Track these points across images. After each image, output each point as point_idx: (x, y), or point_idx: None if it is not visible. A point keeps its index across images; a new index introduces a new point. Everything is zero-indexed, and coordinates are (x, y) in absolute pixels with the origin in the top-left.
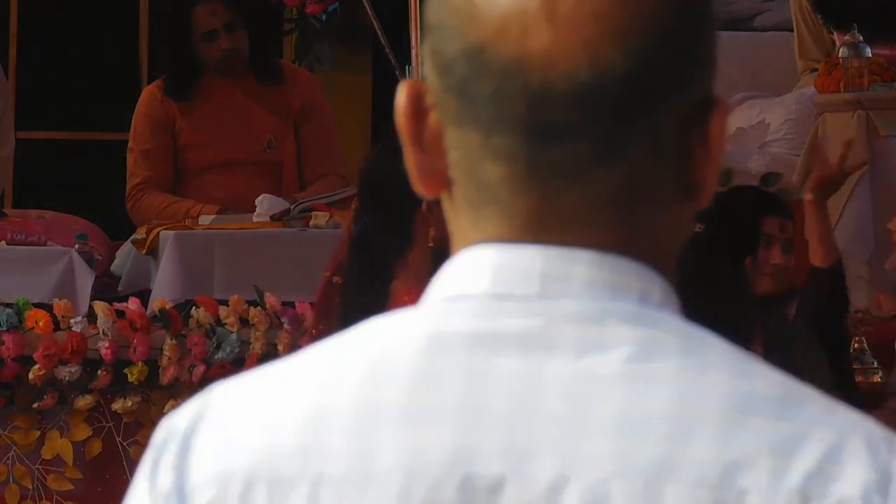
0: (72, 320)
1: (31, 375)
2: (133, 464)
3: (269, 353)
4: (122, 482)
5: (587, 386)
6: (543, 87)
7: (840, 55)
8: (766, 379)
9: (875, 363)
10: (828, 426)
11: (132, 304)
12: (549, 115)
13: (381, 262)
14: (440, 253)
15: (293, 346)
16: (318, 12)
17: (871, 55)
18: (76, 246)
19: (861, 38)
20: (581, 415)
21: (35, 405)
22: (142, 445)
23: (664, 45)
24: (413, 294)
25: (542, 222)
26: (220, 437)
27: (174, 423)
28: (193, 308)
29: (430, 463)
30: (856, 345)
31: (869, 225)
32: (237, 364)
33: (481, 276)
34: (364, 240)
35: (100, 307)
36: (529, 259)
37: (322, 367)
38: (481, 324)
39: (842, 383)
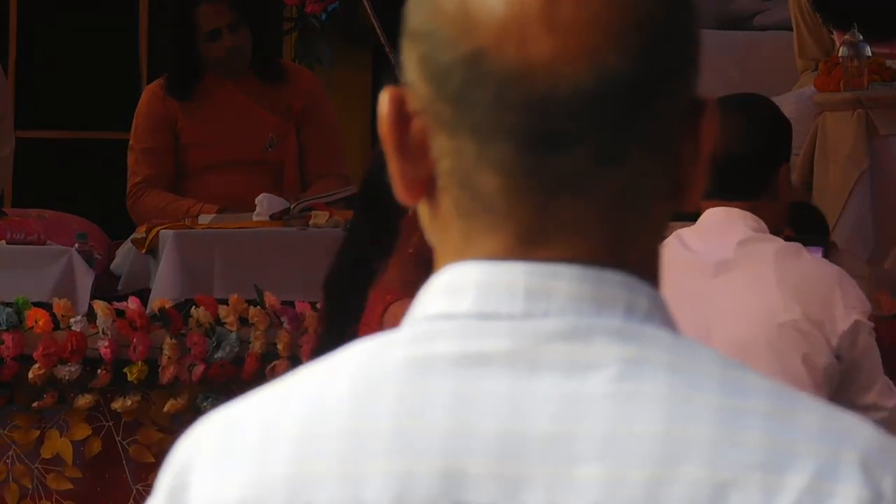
0: (71, 319)
1: (30, 375)
2: (133, 463)
3: (269, 353)
4: (121, 481)
5: (574, 408)
6: (546, 95)
7: (840, 54)
8: (758, 393)
9: None
10: (821, 441)
11: (132, 304)
12: (552, 122)
13: (365, 264)
14: (421, 259)
15: (293, 346)
16: (317, 11)
17: (870, 54)
18: (76, 245)
19: (860, 37)
20: (569, 438)
21: (35, 404)
22: (141, 445)
23: (662, 46)
24: (388, 297)
25: (535, 233)
26: (213, 471)
27: (171, 462)
28: (193, 307)
29: (419, 491)
30: None
31: (868, 224)
32: (237, 363)
33: (465, 295)
34: (352, 241)
35: (99, 306)
36: (513, 276)
37: (309, 394)
38: (466, 345)
39: None
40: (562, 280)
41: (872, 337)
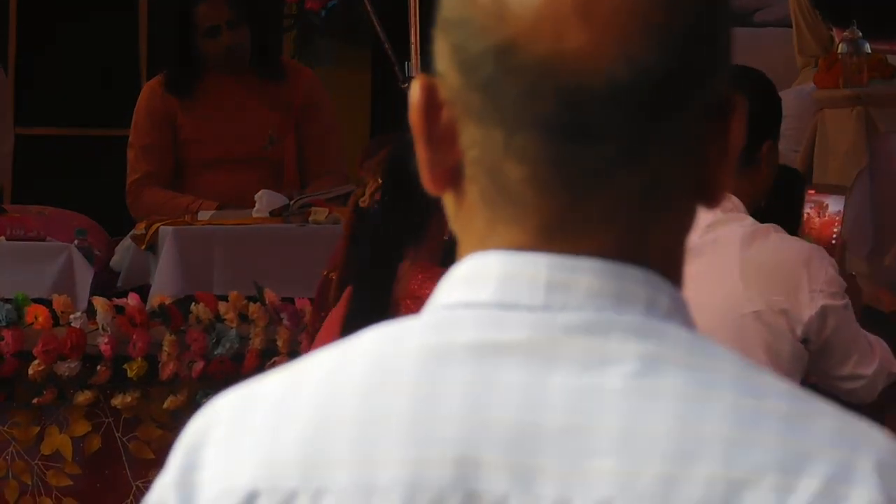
0: (71, 316)
1: (30, 371)
2: (132, 459)
3: (269, 349)
4: (121, 478)
5: (591, 401)
6: (578, 86)
7: (839, 51)
8: (775, 395)
9: None
10: (837, 444)
11: (131, 300)
12: (582, 114)
13: (392, 247)
14: (451, 247)
15: (292, 342)
16: (317, 8)
17: (870, 51)
18: (75, 241)
19: (860, 33)
20: (584, 431)
21: (34, 401)
22: (141, 441)
23: (695, 42)
24: (421, 278)
25: (559, 226)
26: (226, 452)
27: (183, 440)
28: (193, 304)
29: (433, 478)
30: None
31: (868, 221)
32: (237, 360)
33: (486, 285)
34: (379, 224)
35: (99, 303)
36: (535, 268)
37: (324, 377)
38: (485, 335)
39: None
40: (583, 274)
41: (847, 312)
